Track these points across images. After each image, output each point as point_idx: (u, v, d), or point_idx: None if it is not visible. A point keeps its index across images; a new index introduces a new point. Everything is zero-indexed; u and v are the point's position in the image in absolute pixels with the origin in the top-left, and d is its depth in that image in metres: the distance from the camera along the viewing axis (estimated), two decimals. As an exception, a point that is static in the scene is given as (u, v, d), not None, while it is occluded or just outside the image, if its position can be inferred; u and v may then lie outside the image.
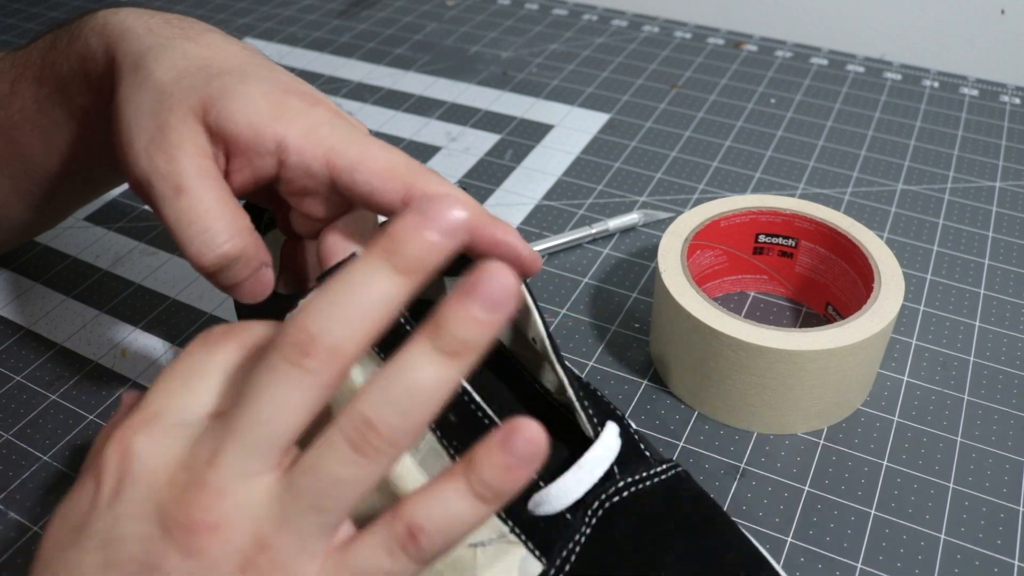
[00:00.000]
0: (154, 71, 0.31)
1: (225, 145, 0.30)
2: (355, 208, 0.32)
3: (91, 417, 0.41)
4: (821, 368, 0.37)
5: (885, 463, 0.39)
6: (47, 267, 0.50)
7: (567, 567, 0.29)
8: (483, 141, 0.61)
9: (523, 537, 0.29)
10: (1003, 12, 0.73)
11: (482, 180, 0.57)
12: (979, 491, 0.37)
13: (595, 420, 0.31)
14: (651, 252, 0.51)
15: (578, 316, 0.47)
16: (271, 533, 0.21)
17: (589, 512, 0.29)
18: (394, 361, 0.21)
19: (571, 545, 0.29)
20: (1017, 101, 0.65)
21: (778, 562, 0.35)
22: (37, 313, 0.47)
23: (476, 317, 0.21)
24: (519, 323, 0.33)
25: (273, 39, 0.76)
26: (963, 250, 0.51)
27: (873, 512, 0.37)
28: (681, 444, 0.40)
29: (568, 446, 0.34)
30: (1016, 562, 0.35)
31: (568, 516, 0.29)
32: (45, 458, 0.39)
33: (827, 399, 0.39)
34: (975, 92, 0.66)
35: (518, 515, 0.29)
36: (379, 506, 0.30)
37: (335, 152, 0.30)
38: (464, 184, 0.57)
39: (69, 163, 0.40)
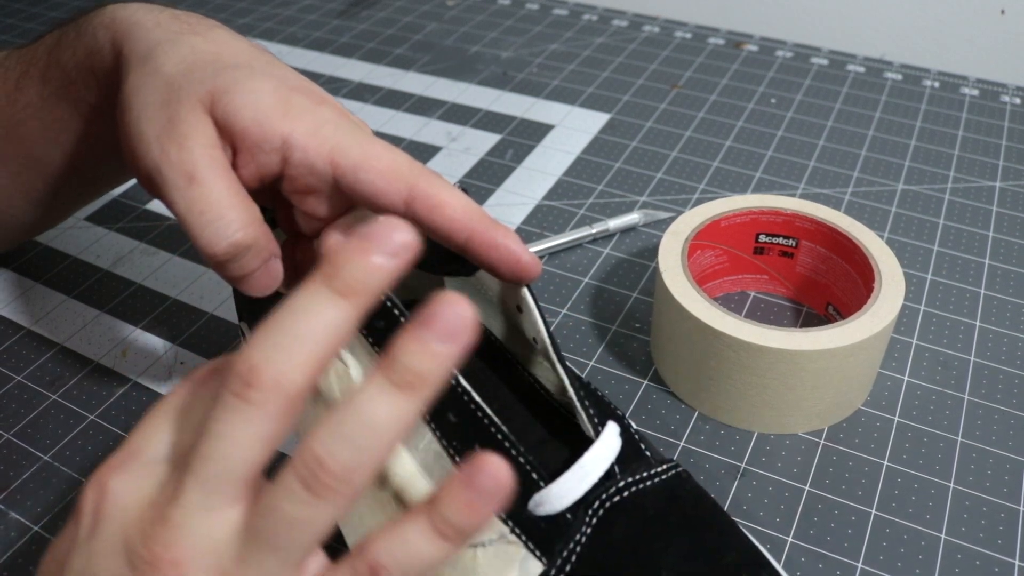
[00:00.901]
0: (163, 64, 0.31)
1: (231, 140, 0.30)
2: (356, 208, 0.32)
3: (92, 417, 0.41)
4: (822, 368, 0.37)
5: (885, 463, 0.39)
6: (47, 267, 0.50)
7: (568, 567, 0.29)
8: (483, 141, 0.61)
9: (523, 537, 0.29)
10: (1003, 12, 0.73)
11: (482, 180, 0.57)
12: (979, 491, 0.37)
13: (596, 420, 0.31)
14: (651, 252, 0.51)
15: (578, 316, 0.47)
16: (232, 570, 0.21)
17: (590, 512, 0.29)
18: (348, 397, 0.21)
19: (572, 545, 0.29)
20: (1017, 101, 0.65)
21: (778, 562, 0.35)
22: (38, 313, 0.47)
23: (431, 349, 0.21)
24: (521, 323, 0.33)
25: (273, 39, 0.76)
26: (963, 250, 0.51)
27: (873, 512, 0.37)
28: (681, 444, 0.40)
29: (569, 446, 0.34)
30: (1016, 562, 0.35)
31: (569, 516, 0.29)
32: (46, 458, 0.39)
33: (828, 399, 0.39)
34: (975, 92, 0.66)
35: (518, 515, 0.29)
36: (390, 516, 0.31)
37: (339, 151, 0.30)
38: (464, 184, 0.57)
39: (73, 160, 0.40)
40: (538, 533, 0.29)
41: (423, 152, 0.60)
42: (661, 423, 0.41)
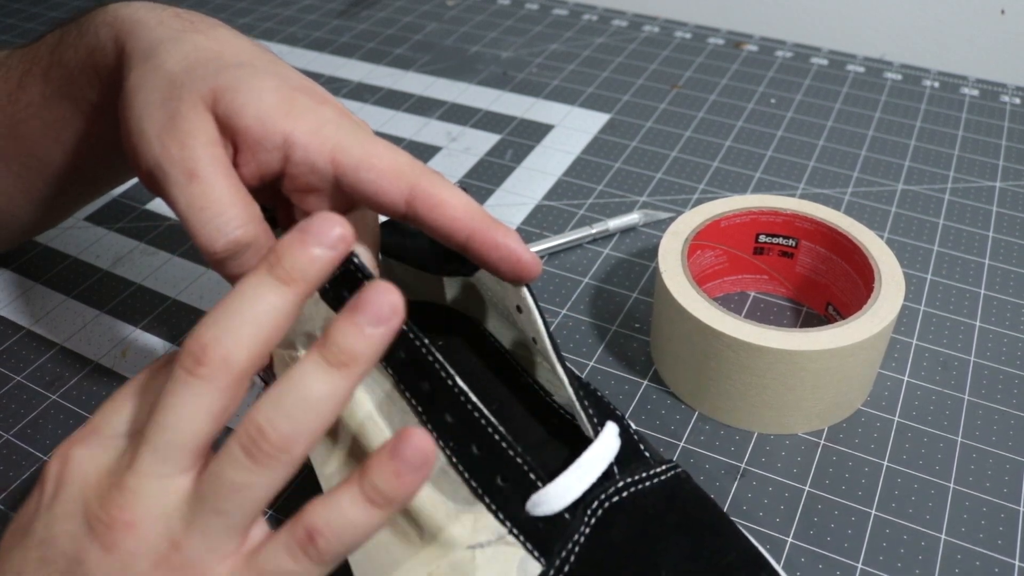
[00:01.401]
0: (165, 61, 0.31)
1: (232, 138, 0.30)
2: (357, 207, 0.32)
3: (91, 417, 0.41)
4: (821, 368, 0.37)
5: (885, 463, 0.39)
6: (47, 267, 0.50)
7: (566, 568, 0.29)
8: (483, 141, 0.61)
9: (521, 538, 0.29)
10: (1003, 12, 0.73)
11: (482, 180, 0.57)
12: (979, 491, 0.37)
13: (595, 420, 0.31)
14: (651, 252, 0.51)
15: (578, 316, 0.47)
16: (181, 533, 0.23)
17: (588, 512, 0.29)
18: (288, 373, 0.23)
19: (570, 545, 0.29)
20: (1017, 101, 0.65)
21: (778, 562, 0.35)
22: (37, 313, 0.47)
23: (363, 331, 0.23)
24: (520, 323, 0.33)
25: (273, 39, 0.76)
26: (963, 250, 0.51)
27: (873, 512, 0.37)
28: (681, 444, 0.40)
29: (568, 447, 0.34)
30: (1016, 562, 0.35)
31: (567, 516, 0.29)
32: (45, 458, 0.39)
33: (827, 399, 0.39)
34: (975, 92, 0.66)
35: (516, 516, 0.29)
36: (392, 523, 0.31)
37: (341, 150, 0.30)
38: (464, 184, 0.57)
39: (75, 160, 0.40)
40: (536, 534, 0.29)
41: (423, 152, 0.60)
42: (661, 423, 0.41)
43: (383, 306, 0.23)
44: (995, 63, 0.75)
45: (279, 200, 0.35)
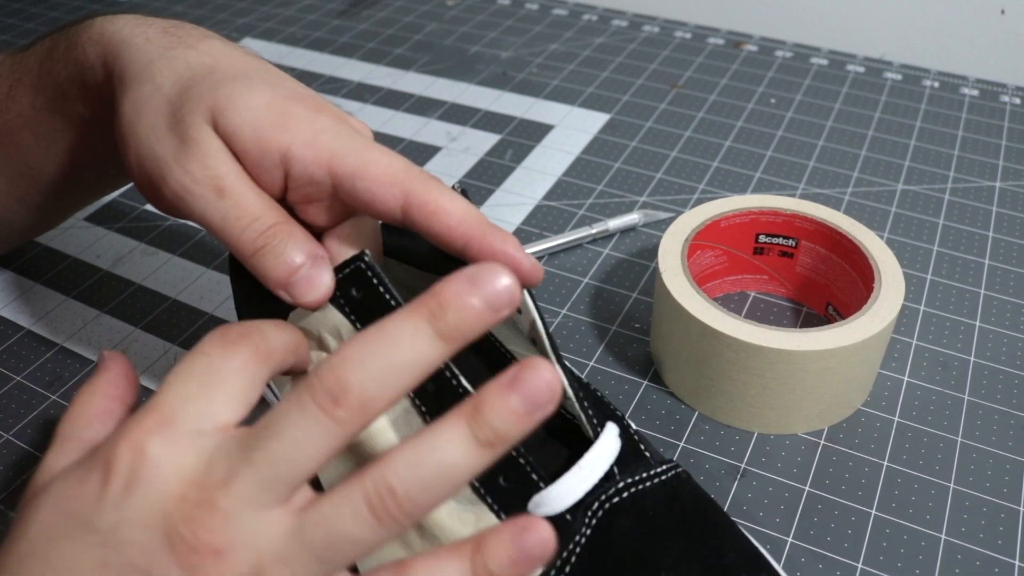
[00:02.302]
0: (161, 84, 0.31)
1: (235, 155, 0.30)
2: (356, 215, 0.32)
3: (91, 417, 0.41)
4: (822, 368, 0.37)
5: (885, 463, 0.39)
6: (47, 267, 0.50)
7: (567, 568, 0.29)
8: (483, 141, 0.61)
9: None
10: (1003, 12, 0.73)
11: (482, 180, 0.57)
12: (979, 491, 0.37)
13: (595, 421, 0.31)
14: (651, 252, 0.51)
15: (578, 316, 0.47)
16: (271, 569, 0.22)
17: (589, 513, 0.29)
18: (429, 434, 0.22)
19: (571, 546, 0.29)
20: (1017, 101, 0.65)
21: (779, 562, 0.35)
22: (37, 313, 0.47)
23: (517, 412, 0.22)
24: (519, 323, 0.33)
25: (273, 39, 0.76)
26: (963, 250, 0.51)
27: (874, 512, 0.37)
28: (681, 444, 0.40)
29: (569, 447, 0.34)
30: (1016, 562, 0.35)
31: (568, 517, 0.29)
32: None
33: (827, 399, 0.39)
34: (975, 92, 0.66)
35: (517, 515, 0.29)
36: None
37: (337, 159, 0.30)
38: (464, 184, 0.57)
39: (67, 169, 0.40)
40: None
41: (423, 152, 0.60)
42: (661, 423, 0.41)
43: (542, 391, 0.22)
44: (995, 63, 0.75)
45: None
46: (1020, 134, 0.61)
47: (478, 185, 0.57)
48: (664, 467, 0.32)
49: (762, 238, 0.45)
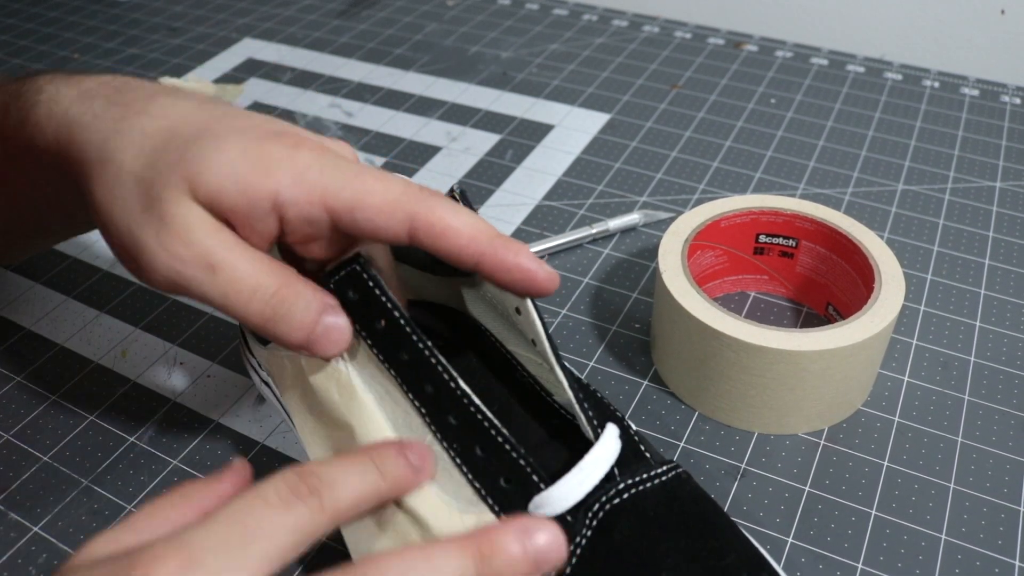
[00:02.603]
0: (123, 163, 0.29)
1: (224, 218, 0.29)
2: (361, 242, 0.31)
3: (91, 417, 0.41)
4: (822, 368, 0.37)
5: (886, 463, 0.39)
6: (47, 267, 0.50)
7: (568, 569, 0.29)
8: (483, 141, 0.61)
9: None
10: (1003, 12, 0.73)
11: (482, 180, 0.57)
12: (980, 491, 0.37)
13: (595, 422, 0.31)
14: (651, 252, 0.51)
15: (578, 316, 0.47)
16: None
17: (590, 514, 0.29)
18: (433, 551, 0.23)
19: (572, 547, 0.29)
20: (1017, 101, 0.65)
21: (779, 563, 0.35)
22: (37, 313, 0.47)
23: (524, 566, 0.24)
24: (519, 324, 0.33)
25: (273, 39, 0.76)
26: (963, 250, 0.51)
27: (874, 512, 0.37)
28: (681, 444, 0.40)
29: (569, 448, 0.34)
30: (1017, 562, 0.35)
31: (569, 518, 0.29)
32: (45, 459, 0.39)
33: (828, 399, 0.39)
34: (975, 92, 0.66)
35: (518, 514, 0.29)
36: (394, 526, 0.31)
37: (330, 195, 0.28)
38: (463, 185, 0.57)
39: (21, 216, 0.38)
40: None
41: (423, 152, 0.60)
42: (661, 423, 0.41)
43: (552, 555, 0.25)
44: (995, 63, 0.75)
45: (283, 249, 0.34)
46: (1020, 134, 0.61)
47: (478, 185, 0.57)
48: (664, 467, 0.32)
49: (762, 238, 0.45)
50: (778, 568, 0.30)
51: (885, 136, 0.61)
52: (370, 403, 0.31)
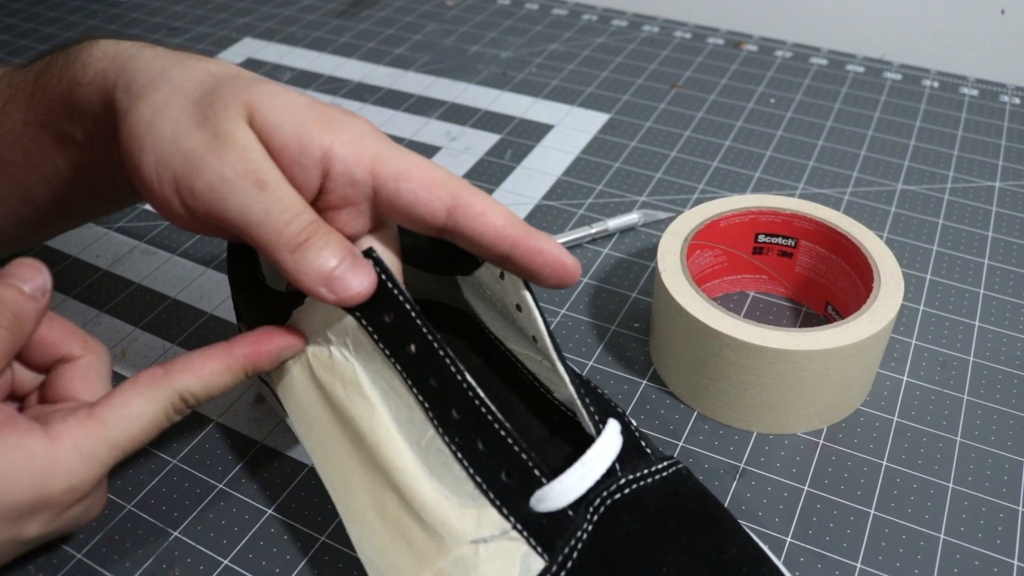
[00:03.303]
0: (181, 86, 0.30)
1: (271, 153, 0.30)
2: (386, 223, 0.32)
3: (91, 417, 0.41)
4: (821, 368, 0.37)
5: (885, 463, 0.39)
6: (47, 267, 0.50)
7: (569, 563, 0.29)
8: (483, 141, 0.61)
9: (525, 534, 0.29)
10: (1003, 12, 0.73)
11: (482, 180, 0.57)
12: (979, 491, 0.37)
13: (596, 418, 0.31)
14: (651, 252, 0.51)
15: (578, 316, 0.47)
16: None
17: (591, 509, 0.29)
18: None
19: (573, 542, 0.29)
20: (1017, 101, 0.65)
21: (778, 562, 0.35)
22: (37, 313, 0.47)
23: None
24: (519, 322, 0.33)
25: (273, 39, 0.76)
26: (963, 250, 0.51)
27: (873, 512, 0.37)
28: (681, 444, 0.40)
29: (570, 443, 0.34)
30: (1015, 562, 0.35)
31: (570, 513, 0.29)
32: (45, 458, 0.39)
33: (827, 399, 0.39)
34: (975, 92, 0.66)
35: (520, 512, 0.29)
36: (392, 516, 0.31)
37: (380, 161, 0.29)
38: (464, 184, 0.57)
39: (57, 192, 0.38)
40: (540, 530, 0.29)
41: (423, 152, 0.60)
42: (660, 423, 0.41)
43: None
44: (995, 63, 0.75)
45: None
46: (1020, 134, 0.61)
47: (479, 185, 0.57)
48: (665, 463, 0.32)
49: (761, 238, 0.45)
50: (779, 563, 0.31)
51: (884, 136, 0.61)
52: (375, 399, 0.32)
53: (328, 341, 0.32)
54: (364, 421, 0.31)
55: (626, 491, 0.30)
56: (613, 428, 0.31)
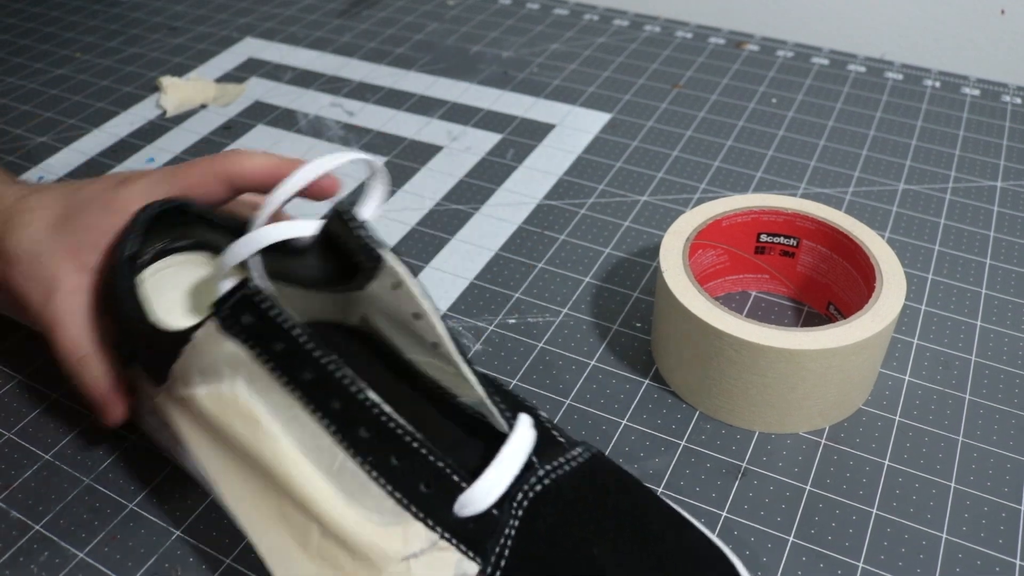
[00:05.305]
0: (17, 251, 0.38)
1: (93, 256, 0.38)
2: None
3: (93, 416, 0.41)
4: (823, 367, 0.37)
5: (887, 462, 0.39)
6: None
7: (502, 563, 0.29)
8: (484, 141, 0.61)
9: (454, 541, 0.29)
10: (1003, 12, 0.73)
11: (483, 180, 0.57)
12: (980, 490, 0.37)
13: (507, 414, 0.31)
14: (653, 251, 0.51)
15: (579, 315, 0.47)
16: None
17: (515, 505, 0.30)
18: None
19: (503, 540, 0.29)
20: (1018, 101, 0.65)
21: (779, 562, 0.35)
22: (39, 312, 0.47)
23: None
24: (420, 330, 0.32)
25: (274, 39, 0.76)
26: (964, 250, 0.51)
27: (875, 511, 0.37)
28: (683, 444, 0.40)
29: (484, 444, 0.33)
30: (1017, 561, 0.35)
31: (495, 512, 0.29)
32: (47, 457, 0.39)
33: (829, 398, 0.39)
34: (976, 92, 0.66)
35: (446, 520, 0.29)
36: (315, 547, 0.30)
37: (175, 188, 0.39)
38: (464, 183, 0.57)
39: None
40: (468, 534, 0.29)
41: (424, 152, 0.60)
42: (662, 423, 0.41)
43: None
44: (996, 63, 0.75)
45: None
46: (1021, 134, 0.61)
47: (480, 184, 0.57)
48: (579, 449, 0.32)
49: (763, 237, 0.45)
50: (702, 527, 0.32)
51: (886, 136, 0.61)
52: (277, 431, 0.31)
53: (221, 378, 0.31)
54: (269, 455, 0.30)
55: (546, 482, 0.30)
56: (525, 422, 0.31)
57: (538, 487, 0.30)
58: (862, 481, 0.38)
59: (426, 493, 0.29)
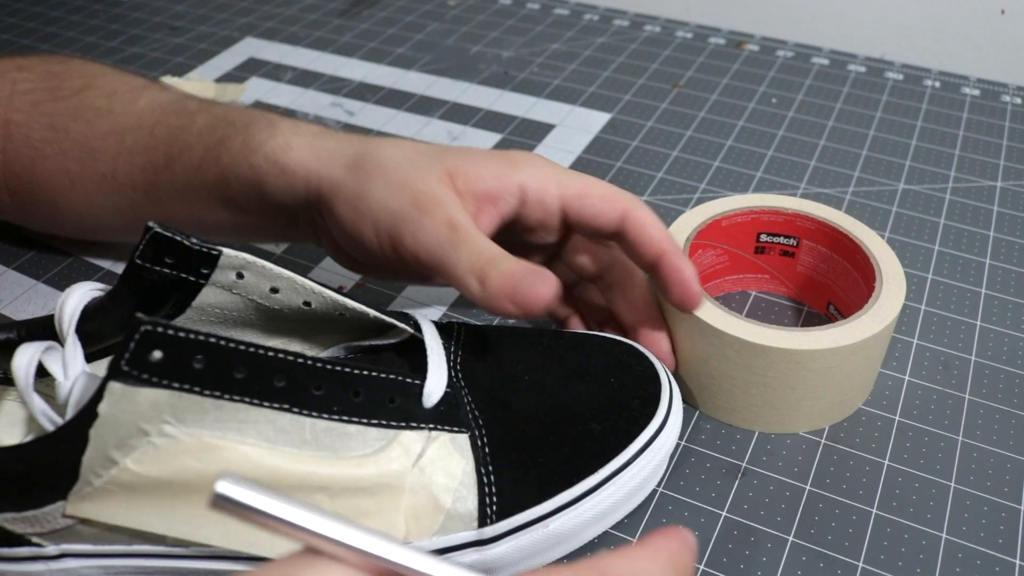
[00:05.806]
0: (383, 161, 0.36)
1: (474, 200, 0.36)
2: (572, 237, 0.40)
3: (93, 416, 0.41)
4: (823, 367, 0.37)
5: (886, 462, 0.39)
6: (48, 266, 0.50)
7: (479, 421, 0.34)
8: (484, 141, 0.61)
9: (439, 427, 0.33)
10: (1003, 12, 0.73)
11: (483, 179, 0.57)
12: (980, 490, 0.37)
13: (410, 320, 0.36)
14: (652, 251, 0.51)
15: (579, 315, 0.47)
16: None
17: (456, 374, 0.35)
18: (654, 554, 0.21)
19: (465, 403, 0.34)
20: (1018, 101, 0.65)
21: (779, 562, 0.35)
22: (38, 312, 0.47)
23: None
24: (284, 302, 0.34)
25: (274, 39, 0.76)
26: (964, 250, 0.51)
27: (874, 511, 0.37)
28: (683, 443, 0.40)
29: (402, 356, 0.36)
30: (1017, 561, 0.35)
31: (450, 390, 0.34)
32: (47, 457, 0.39)
33: (829, 398, 0.39)
34: (976, 92, 0.66)
35: (423, 415, 0.33)
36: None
37: (563, 184, 0.37)
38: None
39: (210, 232, 0.42)
40: (444, 415, 0.33)
41: (424, 151, 0.60)
42: (662, 422, 0.41)
43: None
44: (996, 63, 0.75)
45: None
46: (1021, 134, 0.61)
47: (479, 184, 0.57)
48: (455, 322, 0.38)
49: (763, 237, 0.45)
50: (634, 344, 0.38)
51: (886, 136, 0.61)
52: (231, 442, 0.29)
53: (147, 434, 0.28)
54: (239, 468, 0.29)
55: (462, 344, 0.36)
56: (421, 316, 0.37)
57: (460, 353, 0.36)
58: (862, 481, 0.38)
59: (396, 405, 0.32)
